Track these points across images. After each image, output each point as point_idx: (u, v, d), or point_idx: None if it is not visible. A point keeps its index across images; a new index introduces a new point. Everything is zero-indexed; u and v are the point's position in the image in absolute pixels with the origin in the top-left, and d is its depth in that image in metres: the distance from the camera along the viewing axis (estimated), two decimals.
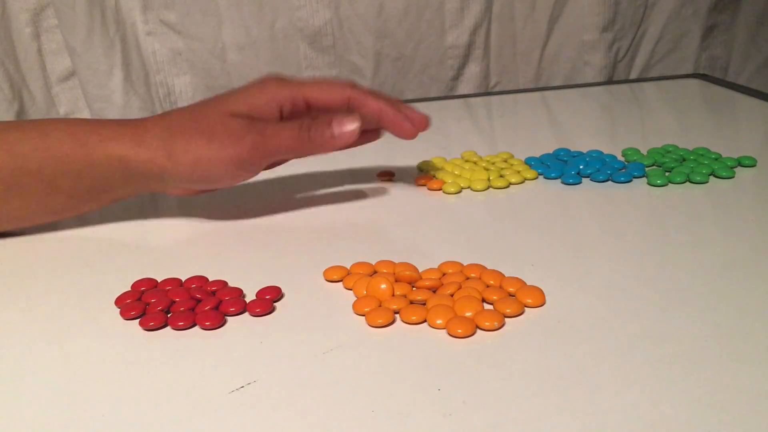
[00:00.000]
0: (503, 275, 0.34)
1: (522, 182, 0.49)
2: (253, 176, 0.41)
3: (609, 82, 0.83)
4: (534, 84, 0.83)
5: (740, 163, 0.49)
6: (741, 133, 0.59)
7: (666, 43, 0.84)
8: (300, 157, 0.42)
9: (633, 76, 0.86)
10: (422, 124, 0.43)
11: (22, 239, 0.43)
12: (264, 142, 0.39)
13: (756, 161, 0.49)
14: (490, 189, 0.48)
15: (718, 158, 0.49)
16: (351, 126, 0.40)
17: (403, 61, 0.78)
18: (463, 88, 0.81)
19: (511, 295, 0.32)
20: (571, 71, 0.83)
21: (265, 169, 0.43)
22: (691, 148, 0.52)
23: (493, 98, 0.78)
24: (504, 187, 0.48)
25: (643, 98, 0.75)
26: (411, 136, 0.43)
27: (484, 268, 0.35)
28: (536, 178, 0.49)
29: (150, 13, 0.72)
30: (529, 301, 0.32)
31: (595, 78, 0.83)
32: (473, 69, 0.80)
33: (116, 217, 0.45)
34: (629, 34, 0.83)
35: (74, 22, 0.69)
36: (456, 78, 0.81)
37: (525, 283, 0.33)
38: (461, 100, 0.77)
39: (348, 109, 0.42)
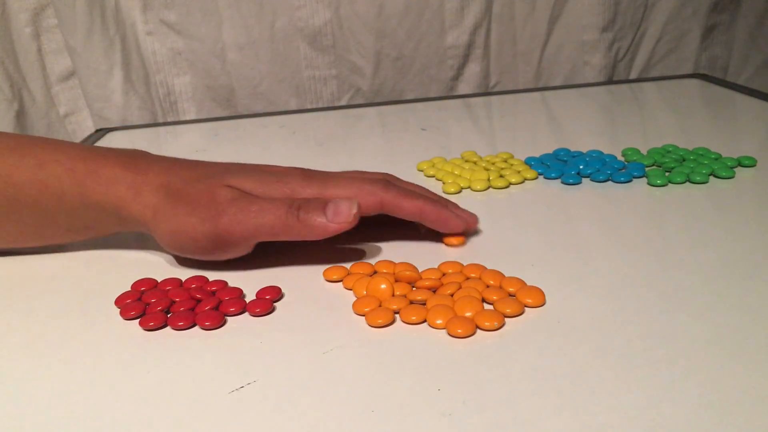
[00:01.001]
0: (503, 275, 0.34)
1: (522, 182, 0.49)
2: (237, 255, 0.37)
3: (609, 82, 0.83)
4: (534, 84, 0.83)
5: (740, 163, 0.49)
6: (741, 133, 0.59)
7: (666, 43, 0.84)
8: (290, 240, 0.36)
9: (633, 76, 0.86)
10: (472, 220, 0.39)
11: None
12: (245, 219, 0.34)
13: (756, 161, 0.49)
14: (490, 189, 0.48)
15: (718, 158, 0.49)
16: (348, 211, 0.35)
17: (403, 61, 0.78)
18: (463, 88, 0.81)
19: (511, 295, 0.32)
20: (571, 71, 0.83)
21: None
22: (691, 148, 0.52)
23: (493, 98, 0.78)
24: (504, 187, 0.48)
25: (643, 98, 0.75)
26: (459, 229, 0.38)
27: (484, 268, 0.35)
28: (536, 178, 0.49)
29: (150, 12, 0.72)
30: (529, 301, 0.32)
31: (595, 78, 0.83)
32: (473, 69, 0.80)
33: None
34: (629, 34, 0.83)
35: (74, 22, 0.69)
36: (456, 78, 0.81)
37: (525, 283, 0.33)
38: (461, 100, 0.77)
39: (379, 212, 0.37)
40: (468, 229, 0.39)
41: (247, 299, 0.34)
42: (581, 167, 0.48)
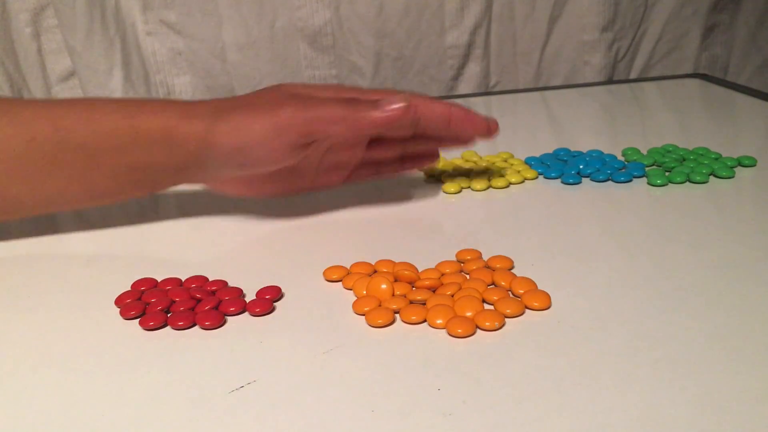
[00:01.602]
0: (515, 275, 0.34)
1: (522, 182, 0.49)
2: (294, 156, 0.39)
3: (609, 82, 0.83)
4: (534, 84, 0.83)
5: (740, 163, 0.49)
6: (741, 133, 0.59)
7: (666, 43, 0.84)
8: (341, 137, 0.40)
9: (633, 75, 0.86)
10: (494, 124, 0.43)
11: (23, 239, 0.43)
12: (305, 108, 0.38)
13: (756, 161, 0.49)
14: (490, 189, 0.48)
15: (718, 158, 0.49)
16: (398, 104, 0.38)
17: (403, 61, 0.78)
18: (463, 87, 0.81)
19: (516, 296, 0.32)
20: (571, 71, 0.83)
21: (297, 192, 0.43)
22: (691, 148, 0.52)
23: (493, 98, 0.78)
24: (504, 187, 0.48)
25: (643, 98, 0.75)
26: (484, 127, 0.42)
27: (505, 259, 0.36)
28: (536, 178, 0.49)
29: (150, 13, 0.72)
30: (535, 304, 0.31)
31: (595, 78, 0.83)
32: (473, 69, 0.80)
33: (116, 217, 0.45)
34: (629, 34, 0.83)
35: (74, 22, 0.69)
36: (456, 78, 0.81)
37: (536, 286, 0.33)
38: (461, 100, 0.77)
39: (414, 119, 0.41)
40: (491, 132, 0.43)
41: (247, 299, 0.34)
42: (581, 167, 0.48)
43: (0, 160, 0.38)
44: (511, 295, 0.33)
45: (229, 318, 0.32)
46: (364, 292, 0.33)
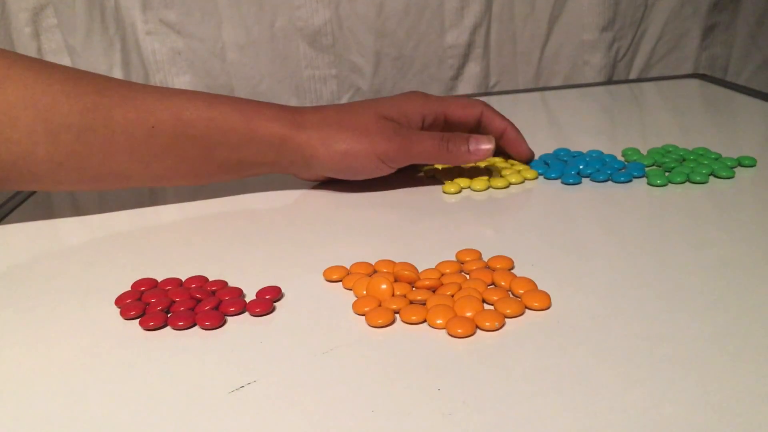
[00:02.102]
0: (514, 275, 0.34)
1: (522, 182, 0.49)
2: (390, 171, 0.46)
3: (609, 82, 0.83)
4: (534, 84, 0.83)
5: (740, 163, 0.49)
6: (741, 133, 0.59)
7: (666, 42, 0.84)
8: (437, 163, 0.47)
9: (633, 75, 0.86)
10: (532, 153, 0.52)
11: (23, 239, 0.43)
12: (409, 145, 0.45)
13: (756, 161, 0.49)
14: (490, 189, 0.48)
15: (718, 158, 0.49)
16: (486, 145, 0.45)
17: (402, 61, 0.78)
18: (463, 87, 0.81)
19: (516, 296, 0.32)
20: (571, 71, 0.83)
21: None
22: (691, 148, 0.52)
23: (493, 98, 0.78)
24: (504, 187, 0.48)
25: (643, 98, 0.75)
26: (525, 156, 0.51)
27: (505, 259, 0.36)
28: (536, 178, 0.49)
29: (150, 12, 0.72)
30: (535, 304, 0.31)
31: (594, 78, 0.83)
32: (473, 69, 0.80)
33: (116, 216, 0.45)
34: (629, 34, 0.83)
35: (74, 22, 0.69)
36: (456, 78, 0.81)
37: (535, 286, 0.33)
38: None
39: (479, 125, 0.49)
40: (527, 159, 0.51)
41: (247, 299, 0.34)
42: (581, 167, 0.48)
43: (120, 141, 0.41)
44: (511, 295, 0.33)
45: (229, 318, 0.32)
46: (364, 292, 0.33)
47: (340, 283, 0.35)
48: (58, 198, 0.52)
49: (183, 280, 0.36)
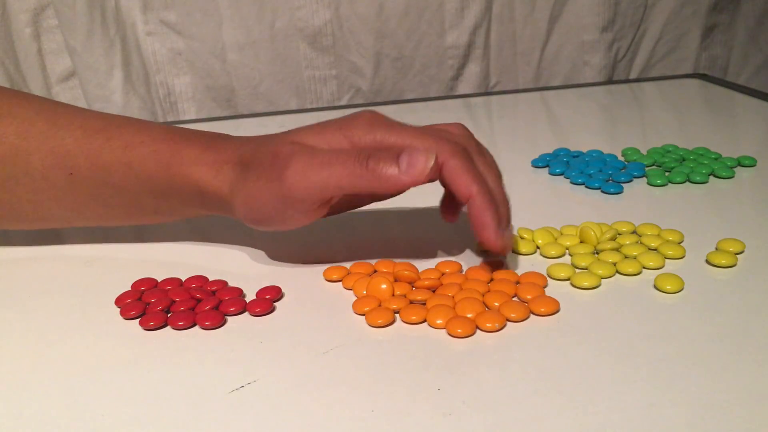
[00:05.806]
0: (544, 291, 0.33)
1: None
2: (315, 217, 0.34)
3: (609, 82, 0.83)
4: (534, 84, 0.83)
5: (740, 163, 0.49)
6: (741, 133, 0.59)
7: (666, 43, 0.84)
8: (363, 194, 0.35)
9: (633, 76, 0.86)
10: (506, 248, 0.34)
11: (23, 239, 0.43)
12: (309, 172, 0.32)
13: (756, 161, 0.49)
14: None
15: (718, 158, 0.49)
16: (424, 163, 0.31)
17: (402, 61, 0.78)
18: (463, 88, 0.81)
19: (524, 301, 0.32)
20: (571, 71, 0.83)
21: (335, 213, 0.37)
22: (691, 148, 0.52)
23: (493, 98, 0.78)
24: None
25: (643, 98, 0.75)
26: (489, 243, 0.33)
27: (540, 276, 0.34)
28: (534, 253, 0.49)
29: (150, 13, 0.72)
30: (542, 309, 0.31)
31: (594, 78, 0.83)
32: (473, 69, 0.80)
33: None
34: (629, 34, 0.83)
35: (74, 22, 0.69)
36: (456, 78, 0.81)
37: (543, 292, 0.33)
38: (461, 100, 0.77)
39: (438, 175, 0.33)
40: (497, 252, 0.34)
41: (247, 299, 0.34)
42: (582, 168, 0.48)
43: (44, 189, 0.38)
44: (517, 300, 0.32)
45: (229, 318, 0.32)
46: (364, 292, 0.33)
47: (340, 283, 0.35)
48: None
49: (183, 280, 0.36)
